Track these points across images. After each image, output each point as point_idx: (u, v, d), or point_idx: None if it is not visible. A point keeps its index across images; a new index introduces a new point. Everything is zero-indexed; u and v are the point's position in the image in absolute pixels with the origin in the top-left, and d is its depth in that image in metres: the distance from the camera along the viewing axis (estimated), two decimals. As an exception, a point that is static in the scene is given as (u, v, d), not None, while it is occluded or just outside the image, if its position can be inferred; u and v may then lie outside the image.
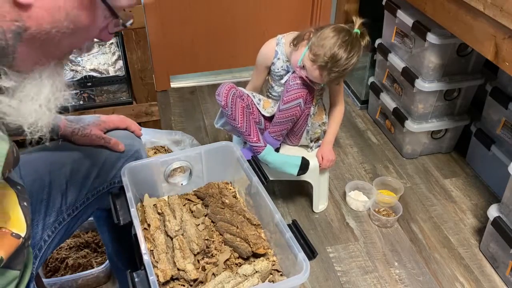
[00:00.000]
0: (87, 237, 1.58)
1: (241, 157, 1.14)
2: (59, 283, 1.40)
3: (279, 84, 1.60)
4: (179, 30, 2.40)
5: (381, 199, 1.78)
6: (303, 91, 1.49)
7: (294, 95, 1.49)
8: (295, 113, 1.52)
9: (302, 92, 1.49)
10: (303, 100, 1.50)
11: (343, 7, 2.41)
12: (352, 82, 2.49)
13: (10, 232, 0.73)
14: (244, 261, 0.99)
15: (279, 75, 1.59)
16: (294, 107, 1.50)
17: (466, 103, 1.98)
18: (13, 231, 0.74)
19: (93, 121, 1.05)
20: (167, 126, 2.22)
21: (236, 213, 1.05)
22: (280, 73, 1.58)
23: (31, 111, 0.66)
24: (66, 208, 0.99)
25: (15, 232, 0.74)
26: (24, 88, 0.65)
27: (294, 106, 1.50)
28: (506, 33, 1.30)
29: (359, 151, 2.11)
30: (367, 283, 1.52)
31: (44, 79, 0.67)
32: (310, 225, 1.73)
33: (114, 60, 1.92)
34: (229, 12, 2.43)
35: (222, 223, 1.04)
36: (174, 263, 0.95)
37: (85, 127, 1.03)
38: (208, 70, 2.61)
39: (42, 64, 0.66)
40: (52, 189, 0.97)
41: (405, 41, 1.95)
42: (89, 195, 1.03)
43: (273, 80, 1.62)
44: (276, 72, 1.58)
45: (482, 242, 1.63)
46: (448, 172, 1.99)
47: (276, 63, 1.57)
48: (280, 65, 1.57)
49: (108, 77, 1.88)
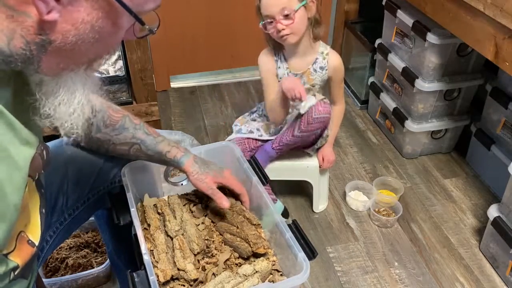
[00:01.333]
0: (87, 237, 1.58)
1: (241, 157, 1.14)
2: (59, 283, 1.40)
3: None
4: (179, 30, 2.40)
5: (381, 199, 1.78)
6: (326, 119, 1.47)
7: (316, 125, 1.47)
8: (310, 139, 1.52)
9: (324, 122, 1.47)
10: (323, 127, 1.50)
11: (343, 7, 2.41)
12: (352, 82, 2.49)
13: (27, 239, 0.73)
14: (244, 261, 0.99)
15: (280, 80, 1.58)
16: (312, 135, 1.51)
17: (466, 103, 1.98)
18: (29, 238, 0.73)
19: (215, 171, 1.05)
20: (167, 126, 2.22)
21: (236, 213, 1.05)
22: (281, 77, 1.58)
23: (66, 115, 0.68)
24: (67, 208, 1.00)
25: (31, 240, 0.74)
26: (58, 93, 0.66)
27: (312, 134, 1.50)
28: (506, 33, 1.30)
29: (359, 151, 2.11)
30: (367, 283, 1.52)
31: (76, 83, 0.67)
32: (310, 225, 1.73)
33: (114, 60, 1.92)
34: (229, 12, 2.43)
35: (222, 223, 1.04)
36: (174, 263, 0.95)
37: (203, 172, 1.03)
38: (208, 70, 2.61)
39: (72, 70, 0.66)
40: (53, 190, 0.98)
41: (405, 41, 1.95)
42: (89, 195, 1.03)
43: None
44: None
45: (482, 242, 1.63)
46: (448, 172, 1.99)
47: (278, 72, 1.57)
48: (282, 72, 1.57)
49: (108, 77, 1.88)
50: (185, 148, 1.05)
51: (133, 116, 1.03)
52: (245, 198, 1.08)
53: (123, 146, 1.01)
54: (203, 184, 1.02)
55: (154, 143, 1.01)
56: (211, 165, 1.05)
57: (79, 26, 0.60)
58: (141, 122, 1.04)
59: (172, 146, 1.03)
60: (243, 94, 2.50)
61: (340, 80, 1.64)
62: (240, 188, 1.07)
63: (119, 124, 0.99)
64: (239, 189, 1.07)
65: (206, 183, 1.02)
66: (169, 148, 1.02)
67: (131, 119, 1.02)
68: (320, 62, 1.57)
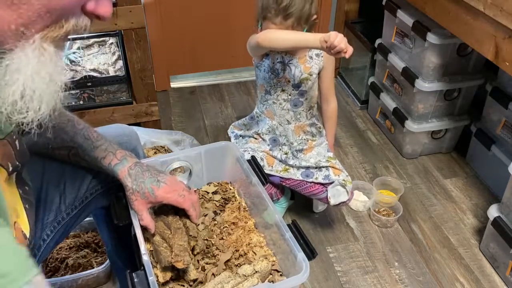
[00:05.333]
0: (87, 237, 1.58)
1: (240, 157, 1.14)
2: (59, 283, 1.40)
3: (274, 85, 1.51)
4: (179, 30, 2.40)
5: (381, 199, 1.78)
6: None
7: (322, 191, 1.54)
8: None
9: None
10: None
11: (343, 7, 2.41)
12: (352, 82, 2.49)
13: (21, 230, 0.72)
14: (244, 261, 0.99)
15: (275, 70, 1.49)
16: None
17: (466, 103, 1.98)
18: (22, 229, 0.73)
19: (147, 191, 0.94)
20: (167, 126, 2.22)
21: (179, 218, 1.00)
22: (276, 67, 1.49)
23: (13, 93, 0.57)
24: (65, 208, 0.99)
25: (24, 231, 0.73)
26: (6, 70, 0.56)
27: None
28: (506, 33, 1.30)
29: (359, 151, 2.10)
30: (367, 283, 1.52)
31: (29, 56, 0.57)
32: (310, 225, 1.73)
33: (114, 60, 1.92)
34: (229, 12, 2.43)
35: (161, 223, 0.99)
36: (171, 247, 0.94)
37: (134, 191, 0.94)
38: (208, 70, 2.61)
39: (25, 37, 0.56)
40: (49, 189, 0.97)
41: (405, 41, 1.95)
42: (87, 194, 1.03)
43: (268, 83, 1.52)
44: (271, 66, 1.49)
45: (482, 242, 1.62)
46: (448, 172, 1.99)
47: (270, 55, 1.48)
48: (276, 57, 1.48)
49: (108, 77, 1.88)
50: (126, 154, 0.97)
51: (79, 121, 0.98)
52: (190, 212, 0.99)
53: (62, 151, 0.97)
54: (133, 206, 0.95)
55: (91, 148, 0.96)
56: (147, 179, 0.94)
57: None
58: (86, 127, 0.98)
59: (108, 152, 0.95)
60: (243, 94, 2.50)
61: (332, 70, 1.56)
62: (180, 203, 0.97)
63: (58, 128, 0.96)
64: (179, 204, 0.98)
65: (135, 206, 0.95)
66: (105, 154, 0.95)
67: (74, 124, 0.97)
68: (315, 49, 1.48)
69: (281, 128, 1.57)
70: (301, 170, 1.56)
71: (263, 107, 1.58)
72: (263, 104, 1.58)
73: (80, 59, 1.89)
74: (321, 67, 1.52)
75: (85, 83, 1.86)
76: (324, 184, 1.53)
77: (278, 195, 1.69)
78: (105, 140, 0.98)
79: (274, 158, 1.59)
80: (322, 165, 1.55)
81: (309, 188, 1.55)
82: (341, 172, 1.55)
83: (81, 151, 0.97)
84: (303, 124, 1.57)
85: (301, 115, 1.55)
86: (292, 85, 1.50)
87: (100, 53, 1.94)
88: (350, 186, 1.52)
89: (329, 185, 1.52)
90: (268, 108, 1.57)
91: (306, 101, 1.53)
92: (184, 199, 0.97)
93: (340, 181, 1.52)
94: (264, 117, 1.59)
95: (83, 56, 1.91)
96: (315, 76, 1.52)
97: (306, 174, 1.55)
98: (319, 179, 1.53)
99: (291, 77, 1.48)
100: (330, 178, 1.52)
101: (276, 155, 1.59)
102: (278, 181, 1.59)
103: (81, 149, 0.96)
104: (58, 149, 0.97)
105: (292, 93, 1.51)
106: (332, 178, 1.52)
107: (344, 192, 1.52)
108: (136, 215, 0.96)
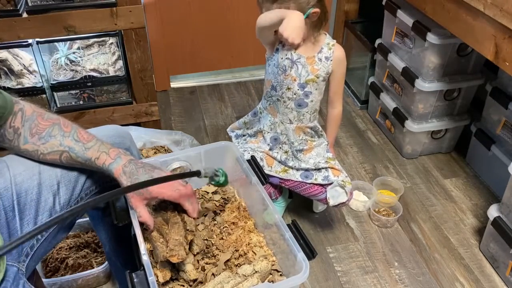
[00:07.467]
0: (87, 237, 1.58)
1: (240, 157, 1.14)
2: (59, 283, 1.40)
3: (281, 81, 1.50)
4: (179, 30, 2.40)
5: (381, 199, 1.78)
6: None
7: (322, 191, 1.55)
8: None
9: None
10: None
11: (343, 7, 2.41)
12: (352, 82, 2.49)
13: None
14: (244, 261, 0.99)
15: (282, 66, 1.48)
16: None
17: (466, 103, 1.98)
18: None
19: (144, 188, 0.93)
20: (167, 126, 2.22)
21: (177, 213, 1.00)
22: (284, 63, 1.48)
23: None
24: (60, 208, 0.99)
25: None
26: None
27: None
28: (506, 33, 1.30)
29: (359, 151, 2.11)
30: (367, 283, 1.52)
31: None
32: (310, 225, 1.73)
33: (114, 60, 1.92)
34: (229, 12, 2.43)
35: (160, 218, 0.99)
36: (174, 264, 0.94)
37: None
38: (208, 70, 2.61)
39: None
40: (42, 189, 0.97)
41: (405, 41, 1.95)
42: (82, 195, 1.03)
43: (275, 78, 1.51)
44: (280, 61, 1.48)
45: (482, 242, 1.62)
46: (448, 172, 1.99)
47: (280, 49, 1.48)
48: (285, 53, 1.48)
49: (108, 77, 1.88)
50: (120, 152, 0.98)
51: (66, 123, 0.98)
52: (186, 206, 0.99)
53: (53, 156, 0.97)
54: (129, 203, 0.96)
55: (83, 149, 0.96)
56: (142, 175, 0.95)
57: None
58: (74, 129, 0.98)
59: (101, 152, 0.96)
60: (243, 94, 2.50)
61: (342, 75, 1.55)
62: (175, 198, 0.97)
63: (45, 132, 0.95)
64: (174, 199, 0.98)
65: (132, 203, 0.95)
66: (98, 154, 0.96)
67: (61, 127, 0.97)
68: (325, 52, 1.49)
69: (282, 127, 1.57)
70: (300, 171, 1.56)
71: (267, 103, 1.58)
72: (267, 100, 1.58)
73: (80, 59, 1.90)
74: (329, 70, 1.51)
75: (85, 83, 1.86)
76: (323, 185, 1.53)
77: (277, 194, 1.69)
78: (96, 140, 0.98)
79: (273, 159, 1.59)
80: (322, 167, 1.55)
81: (308, 189, 1.55)
82: (341, 173, 1.55)
83: (73, 154, 0.96)
84: (305, 126, 1.57)
85: (304, 116, 1.55)
86: (298, 84, 1.49)
87: (100, 53, 1.95)
88: (349, 187, 1.52)
89: (329, 186, 1.52)
90: (272, 105, 1.57)
91: (311, 103, 1.53)
92: (179, 194, 0.97)
93: (339, 182, 1.52)
94: (266, 114, 1.59)
95: (83, 56, 1.91)
96: (322, 79, 1.51)
97: (305, 175, 1.55)
98: (318, 180, 1.53)
99: (298, 76, 1.48)
100: (330, 179, 1.52)
101: (276, 155, 1.59)
102: (277, 182, 1.59)
103: (73, 152, 0.96)
104: (49, 154, 0.97)
105: (297, 93, 1.50)
106: (332, 179, 1.52)
107: (343, 193, 1.52)
108: (135, 214, 0.95)
